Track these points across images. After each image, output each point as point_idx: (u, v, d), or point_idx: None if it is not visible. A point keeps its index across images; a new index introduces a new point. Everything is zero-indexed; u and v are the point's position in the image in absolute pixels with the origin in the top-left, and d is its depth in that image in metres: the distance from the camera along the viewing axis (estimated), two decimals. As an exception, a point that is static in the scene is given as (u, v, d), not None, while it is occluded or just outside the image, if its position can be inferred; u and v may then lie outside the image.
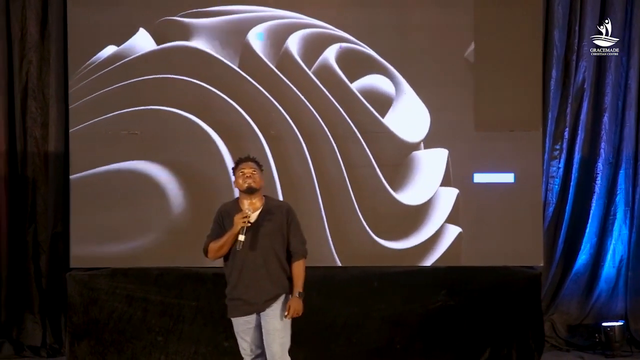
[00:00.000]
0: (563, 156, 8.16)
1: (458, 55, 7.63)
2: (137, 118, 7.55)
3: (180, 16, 7.60)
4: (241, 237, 5.19)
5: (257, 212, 5.36)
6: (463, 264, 7.60)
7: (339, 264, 7.55)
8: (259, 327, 5.36)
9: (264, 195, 5.48)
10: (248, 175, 5.33)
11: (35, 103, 7.95)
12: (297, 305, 5.29)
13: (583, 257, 8.24)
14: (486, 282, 7.48)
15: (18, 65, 7.94)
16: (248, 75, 7.56)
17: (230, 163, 7.41)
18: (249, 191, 5.34)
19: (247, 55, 7.60)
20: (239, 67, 7.57)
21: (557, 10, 7.97)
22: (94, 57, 7.56)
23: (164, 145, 7.57)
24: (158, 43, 7.59)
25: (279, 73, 7.58)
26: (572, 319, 8.27)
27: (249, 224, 5.23)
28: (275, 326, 5.27)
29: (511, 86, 7.63)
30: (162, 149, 7.57)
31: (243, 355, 5.46)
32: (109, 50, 7.57)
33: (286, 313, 5.27)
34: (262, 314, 5.32)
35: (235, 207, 5.41)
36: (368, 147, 7.58)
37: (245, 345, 5.41)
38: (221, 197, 7.30)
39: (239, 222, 5.18)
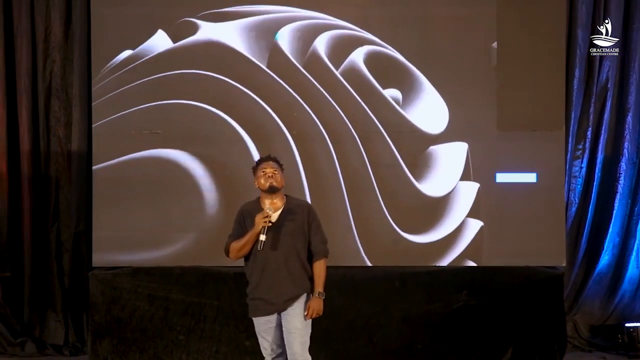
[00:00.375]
0: (586, 156, 8.11)
1: (480, 54, 7.61)
2: (161, 116, 7.58)
3: (201, 17, 7.62)
4: (262, 237, 5.19)
5: (279, 212, 5.36)
6: (485, 264, 7.58)
7: (368, 263, 7.57)
8: (279, 326, 5.36)
9: (285, 195, 5.48)
10: (270, 175, 5.33)
11: (58, 102, 7.99)
12: (317, 305, 5.30)
13: (606, 257, 8.20)
14: (508, 282, 7.46)
15: (42, 65, 7.98)
16: (275, 74, 7.58)
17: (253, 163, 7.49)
18: (271, 190, 5.34)
19: (275, 55, 7.61)
20: (267, 67, 7.58)
21: (581, 9, 7.92)
22: (117, 56, 7.58)
23: (188, 143, 7.59)
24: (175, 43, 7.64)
25: (306, 73, 7.60)
26: (594, 319, 8.24)
27: (270, 224, 5.22)
28: (296, 325, 5.27)
29: (534, 85, 7.61)
30: (187, 147, 7.59)
31: (264, 355, 5.47)
32: (131, 50, 7.60)
33: (306, 313, 5.29)
34: (282, 313, 5.32)
35: (256, 206, 5.40)
36: (393, 144, 7.61)
37: (266, 344, 5.42)
38: (247, 196, 7.36)
39: (260, 222, 5.17)
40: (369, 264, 7.57)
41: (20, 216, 8.04)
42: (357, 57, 7.61)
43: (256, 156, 7.36)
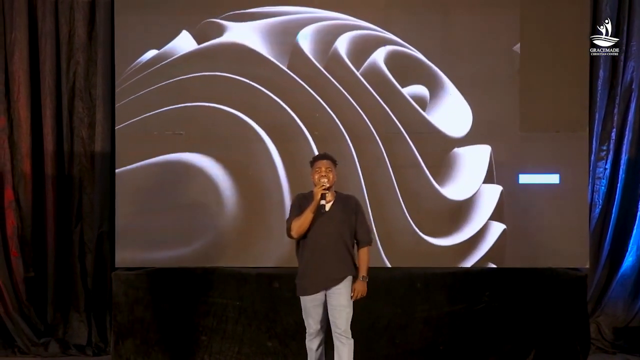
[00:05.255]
0: (610, 157, 8.07)
1: (503, 55, 7.58)
2: (183, 117, 7.61)
3: (224, 18, 7.64)
4: (323, 202, 5.82)
5: (330, 204, 5.95)
6: (507, 266, 7.55)
7: (388, 264, 7.58)
8: (323, 305, 5.96)
9: (335, 191, 6.06)
10: (323, 174, 5.91)
11: (82, 103, 8.05)
12: (362, 287, 5.95)
13: (630, 259, 8.15)
14: (531, 283, 7.42)
15: (66, 66, 8.04)
16: (296, 75, 7.58)
17: (274, 165, 7.58)
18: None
19: (296, 56, 7.61)
20: (288, 68, 7.60)
21: (605, 9, 7.87)
22: (141, 57, 7.62)
23: (210, 145, 7.61)
24: (200, 44, 7.64)
25: (327, 74, 7.59)
26: (618, 321, 8.19)
27: (327, 191, 5.83)
28: (342, 302, 5.90)
29: (557, 86, 7.58)
30: (208, 149, 7.61)
31: (307, 328, 6.05)
32: (155, 52, 7.63)
33: (352, 294, 5.93)
34: (328, 292, 5.93)
35: (310, 196, 5.93)
36: (414, 146, 7.60)
37: (311, 321, 6.00)
38: (269, 197, 7.39)
39: (318, 191, 5.79)
40: (388, 265, 7.58)
41: (44, 217, 8.10)
42: (378, 57, 7.61)
43: (276, 157, 7.54)
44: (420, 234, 7.56)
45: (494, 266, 7.58)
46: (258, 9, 7.67)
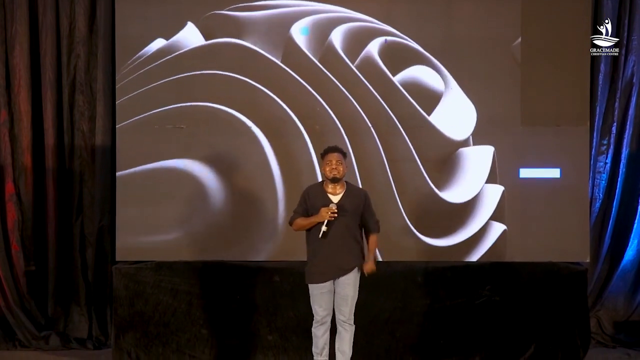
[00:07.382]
0: (610, 151, 8.07)
1: (505, 49, 7.56)
2: (183, 112, 7.58)
3: (229, 10, 7.62)
4: (324, 228, 6.03)
5: (340, 195, 6.19)
6: (508, 260, 7.55)
7: (379, 258, 7.53)
8: (330, 292, 6.21)
9: (345, 182, 6.29)
10: (334, 166, 6.14)
11: (82, 97, 8.03)
12: (372, 265, 6.24)
13: (630, 253, 8.16)
14: (531, 277, 7.42)
15: (66, 60, 8.02)
16: (291, 69, 7.57)
17: (272, 159, 7.57)
18: (334, 180, 6.18)
19: (290, 49, 7.59)
20: (281, 62, 7.57)
21: (607, 3, 7.86)
22: (141, 51, 7.58)
23: (208, 140, 7.58)
24: (206, 37, 7.60)
25: (322, 67, 7.57)
26: (618, 315, 8.21)
27: (333, 219, 6.02)
28: (349, 293, 6.20)
29: (558, 80, 7.55)
30: (207, 144, 7.59)
31: (315, 315, 6.27)
32: (157, 44, 7.57)
33: (365, 272, 6.22)
34: (336, 281, 6.20)
35: (319, 189, 6.28)
36: (411, 142, 7.56)
37: (318, 308, 6.23)
38: (272, 194, 7.36)
39: (325, 215, 6.01)
40: (380, 259, 7.52)
41: (44, 210, 8.09)
42: (373, 48, 7.58)
43: (271, 154, 7.54)
44: (418, 234, 7.57)
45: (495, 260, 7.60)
46: (263, 2, 7.67)
